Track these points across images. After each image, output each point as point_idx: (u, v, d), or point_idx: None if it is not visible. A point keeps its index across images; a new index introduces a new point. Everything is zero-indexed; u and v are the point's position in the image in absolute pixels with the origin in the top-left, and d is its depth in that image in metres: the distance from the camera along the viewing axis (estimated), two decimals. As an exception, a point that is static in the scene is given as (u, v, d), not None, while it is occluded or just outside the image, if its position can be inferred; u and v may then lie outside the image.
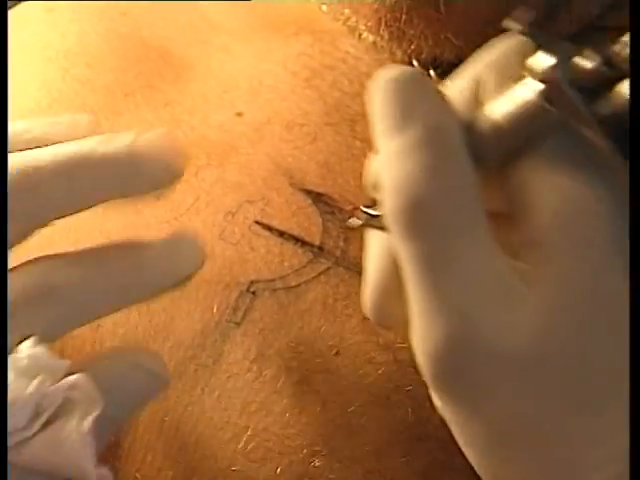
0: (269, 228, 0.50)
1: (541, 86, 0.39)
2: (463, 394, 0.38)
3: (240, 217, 0.51)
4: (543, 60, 0.38)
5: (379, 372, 0.46)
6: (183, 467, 0.47)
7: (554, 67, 0.38)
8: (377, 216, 0.43)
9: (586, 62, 0.37)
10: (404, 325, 0.41)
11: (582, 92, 0.37)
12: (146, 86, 0.54)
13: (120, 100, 0.54)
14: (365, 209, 0.44)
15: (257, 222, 0.50)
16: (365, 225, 0.44)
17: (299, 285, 0.48)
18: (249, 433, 0.46)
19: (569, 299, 0.38)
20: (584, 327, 0.38)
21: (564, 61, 0.38)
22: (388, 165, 0.39)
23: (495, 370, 0.37)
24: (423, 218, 0.38)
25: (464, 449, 0.39)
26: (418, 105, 0.39)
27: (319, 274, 0.48)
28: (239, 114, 0.53)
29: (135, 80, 0.54)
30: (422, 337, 0.38)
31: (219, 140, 0.52)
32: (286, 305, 0.48)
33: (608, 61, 0.37)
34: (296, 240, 0.50)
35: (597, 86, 0.37)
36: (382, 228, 0.42)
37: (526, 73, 0.39)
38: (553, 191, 0.39)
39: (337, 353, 0.46)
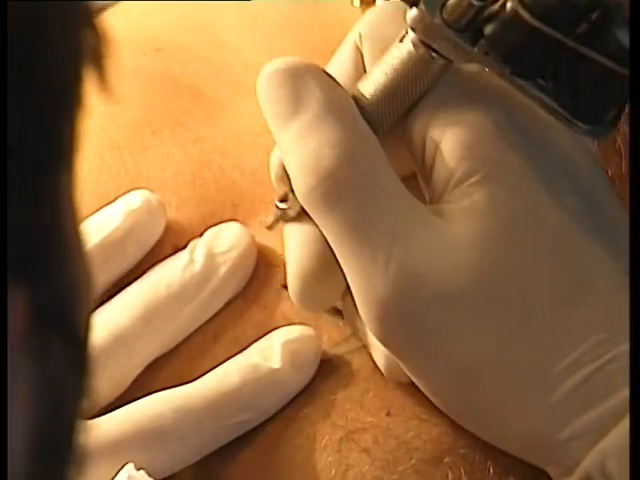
0: None
1: (413, 35, 0.40)
2: (419, 344, 0.39)
3: (261, 279, 0.48)
4: (413, 10, 0.39)
5: (433, 433, 0.44)
6: None
7: (421, 11, 0.39)
8: (289, 209, 0.43)
9: (455, 1, 0.39)
10: (344, 301, 0.42)
11: (464, 29, 0.39)
12: (175, 123, 0.52)
13: (147, 137, 0.52)
14: (278, 203, 0.44)
15: (284, 286, 0.47)
16: (279, 219, 0.44)
17: (340, 356, 0.46)
18: None
19: (497, 225, 0.38)
20: (519, 248, 0.38)
21: (432, 4, 0.39)
22: (290, 151, 0.40)
23: (445, 312, 0.38)
24: (337, 189, 0.39)
25: (430, 397, 0.40)
26: (306, 88, 0.40)
27: (362, 345, 0.46)
28: None
29: (163, 117, 0.52)
30: (365, 299, 0.39)
31: (249, 191, 0.50)
32: (327, 373, 0.46)
33: None
34: (335, 311, 0.47)
35: (477, 18, 0.38)
36: (296, 218, 0.43)
37: (404, 31, 0.40)
38: (452, 129, 0.39)
39: (388, 414, 0.44)
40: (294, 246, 0.43)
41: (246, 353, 0.45)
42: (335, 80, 0.41)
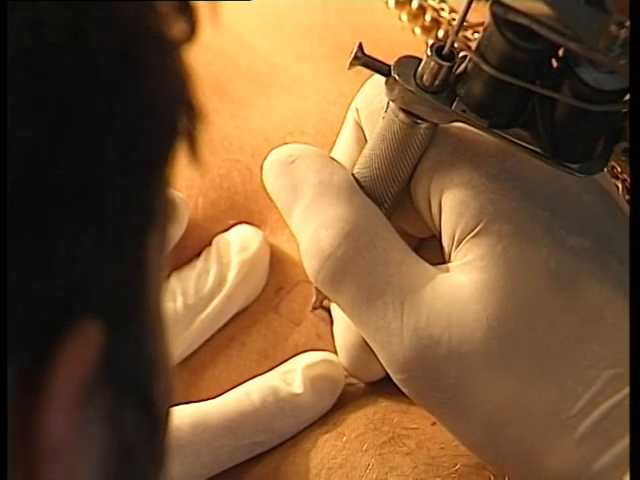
0: None
1: (392, 103, 0.40)
2: (445, 400, 0.39)
3: (298, 296, 0.48)
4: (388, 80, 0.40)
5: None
6: None
7: (394, 80, 0.39)
8: None
9: (425, 65, 0.39)
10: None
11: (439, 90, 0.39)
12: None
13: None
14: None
15: (323, 307, 0.47)
16: (320, 298, 0.45)
17: None
18: None
19: (498, 275, 0.39)
20: (523, 295, 0.39)
21: (406, 71, 0.40)
22: (297, 237, 0.41)
23: (461, 367, 0.39)
24: (339, 268, 0.40)
25: (469, 450, 0.41)
26: (300, 175, 0.42)
27: None
28: None
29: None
30: (388, 365, 0.40)
31: None
32: (373, 384, 0.46)
33: (444, 57, 0.39)
34: None
35: (449, 78, 0.39)
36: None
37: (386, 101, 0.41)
38: (449, 187, 0.40)
39: (434, 424, 0.43)
40: (339, 321, 0.45)
41: (268, 375, 0.45)
42: (331, 159, 0.42)
